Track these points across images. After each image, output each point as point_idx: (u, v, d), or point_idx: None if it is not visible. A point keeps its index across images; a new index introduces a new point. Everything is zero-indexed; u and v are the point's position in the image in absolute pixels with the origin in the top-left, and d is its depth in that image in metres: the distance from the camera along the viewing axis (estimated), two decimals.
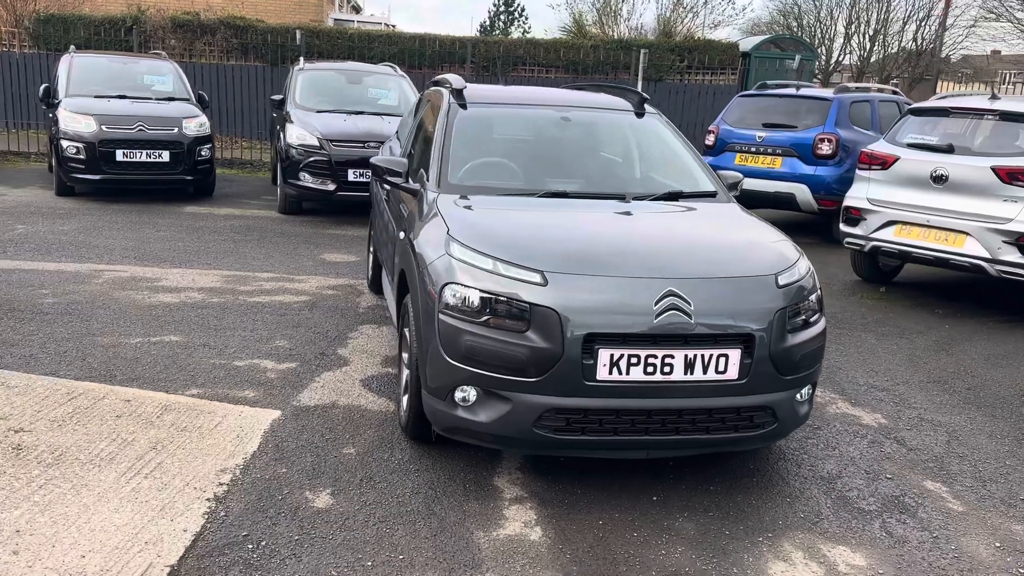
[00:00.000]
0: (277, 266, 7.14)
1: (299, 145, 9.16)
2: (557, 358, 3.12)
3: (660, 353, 3.16)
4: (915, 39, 33.48)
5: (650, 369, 3.16)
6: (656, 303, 3.17)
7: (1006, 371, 5.44)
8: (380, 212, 5.50)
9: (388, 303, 4.91)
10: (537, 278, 3.20)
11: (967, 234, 6.55)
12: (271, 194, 10.89)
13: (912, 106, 7.70)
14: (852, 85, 10.51)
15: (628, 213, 3.96)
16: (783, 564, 3.05)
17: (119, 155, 9.44)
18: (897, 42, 34.45)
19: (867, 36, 36.50)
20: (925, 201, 6.81)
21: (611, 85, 5.54)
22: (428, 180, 4.17)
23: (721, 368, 3.22)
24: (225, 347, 5.04)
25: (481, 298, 3.22)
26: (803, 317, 3.44)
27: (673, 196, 4.23)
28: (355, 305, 6.10)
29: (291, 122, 9.38)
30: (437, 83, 5.17)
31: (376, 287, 6.28)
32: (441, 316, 3.30)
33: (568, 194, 4.10)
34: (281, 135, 9.56)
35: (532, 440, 3.25)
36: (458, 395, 3.30)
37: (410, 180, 4.34)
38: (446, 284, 3.32)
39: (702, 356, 3.19)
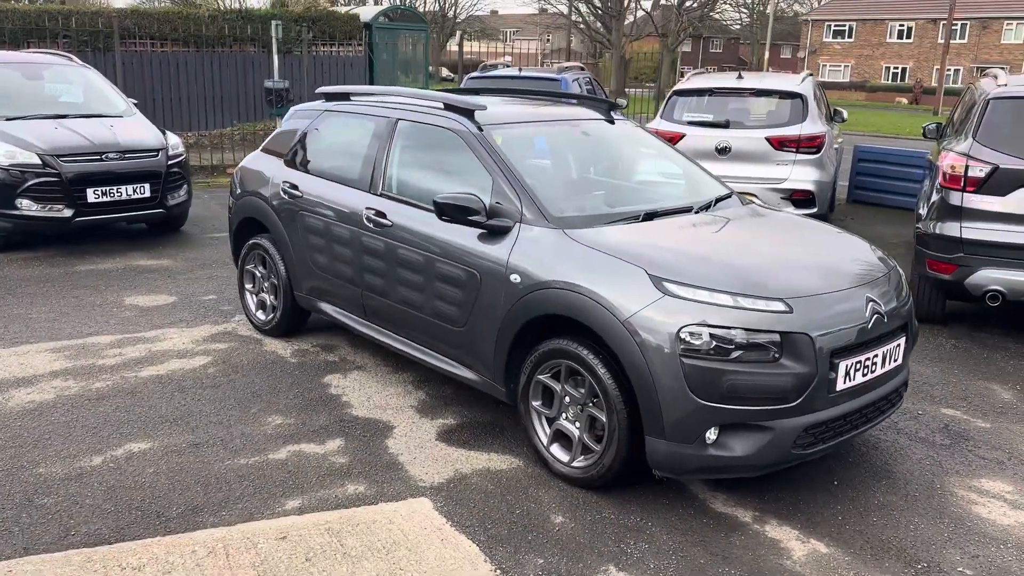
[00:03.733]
0: (93, 325, 5.75)
1: (11, 166, 7.26)
2: (812, 379, 3.31)
3: (872, 354, 3.53)
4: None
5: (866, 371, 3.52)
6: (867, 311, 3.51)
7: None
8: (330, 240, 4.83)
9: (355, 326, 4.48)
10: (781, 306, 3.33)
11: (753, 195, 7.82)
12: None
13: (676, 87, 8.78)
14: (565, 64, 11.42)
15: (727, 221, 4.17)
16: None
17: None
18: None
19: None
20: (714, 170, 7.92)
21: (575, 96, 5.51)
22: (525, 214, 3.88)
23: (896, 356, 3.71)
24: (224, 440, 4.11)
25: (730, 333, 3.25)
26: None
27: (720, 200, 4.51)
28: (277, 356, 5.28)
29: None
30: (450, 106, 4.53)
31: (285, 330, 5.50)
32: (685, 360, 3.25)
33: (658, 213, 4.15)
34: None
35: (786, 460, 3.41)
36: (709, 435, 3.30)
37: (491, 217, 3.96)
38: (684, 327, 3.26)
39: (890, 349, 3.64)
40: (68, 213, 7.45)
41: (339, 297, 4.93)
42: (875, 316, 3.54)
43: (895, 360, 3.71)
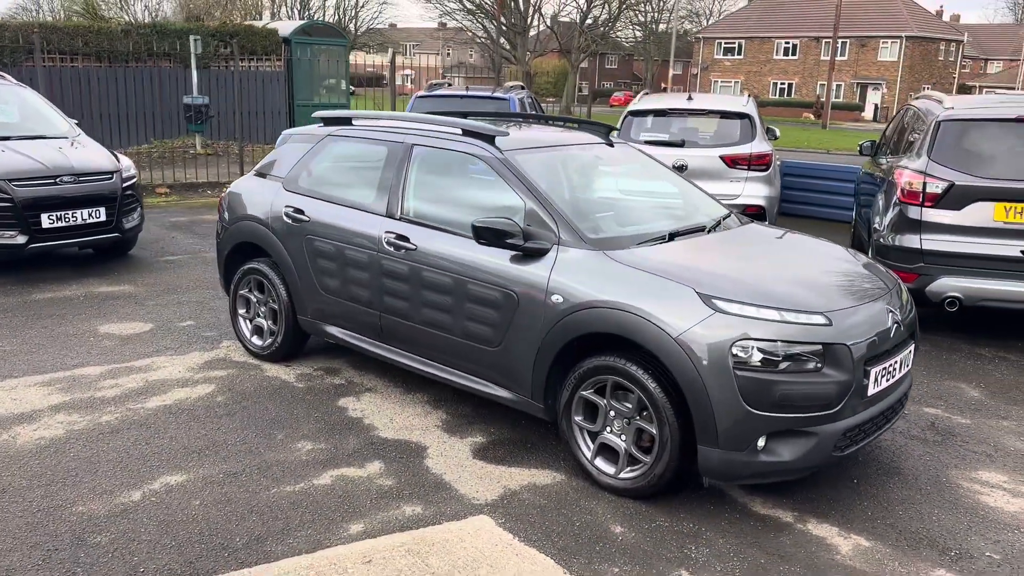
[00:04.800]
0: (76, 357, 5.57)
1: None
2: (851, 386, 3.59)
3: (893, 361, 3.85)
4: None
5: (889, 376, 3.83)
6: (888, 321, 3.83)
7: None
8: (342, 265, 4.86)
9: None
10: (822, 319, 3.59)
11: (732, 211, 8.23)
12: None
13: (629, 108, 9.09)
14: (509, 83, 11.62)
15: (743, 239, 4.44)
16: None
17: None
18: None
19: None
20: None
21: (572, 120, 5.68)
22: (562, 236, 4.04)
23: (908, 362, 4.05)
24: (261, 468, 4.09)
25: (777, 346, 3.49)
26: None
27: (724, 218, 4.78)
28: (282, 382, 5.25)
29: None
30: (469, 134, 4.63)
31: (285, 354, 5.47)
32: (737, 373, 3.47)
33: (681, 232, 4.38)
34: None
35: (826, 462, 3.68)
36: (759, 443, 3.54)
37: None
38: (736, 341, 3.48)
39: (904, 355, 3.97)
40: (22, 240, 7.15)
41: (351, 320, 4.95)
42: (895, 325, 3.86)
43: (907, 365, 4.04)
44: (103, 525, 3.56)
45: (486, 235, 4.06)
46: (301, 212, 5.11)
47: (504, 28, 43.46)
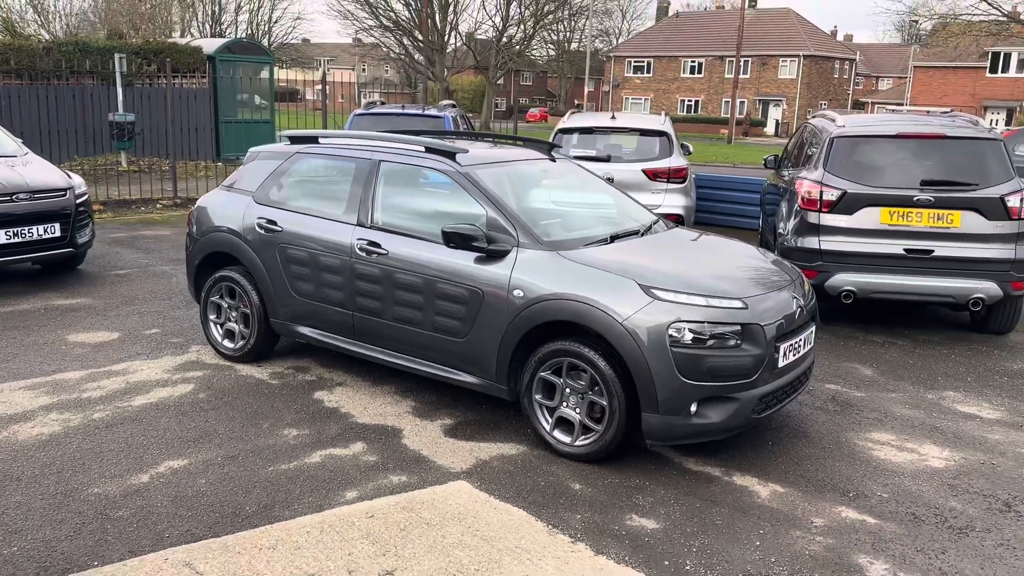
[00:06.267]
0: (52, 364, 5.89)
1: None
2: (764, 359, 4.32)
3: (798, 339, 4.60)
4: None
5: (795, 352, 4.58)
6: (793, 305, 4.59)
7: None
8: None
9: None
10: (740, 304, 4.32)
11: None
12: None
13: (559, 126, 9.80)
14: (443, 102, 12.21)
15: (671, 241, 5.16)
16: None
17: None
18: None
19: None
20: None
21: (518, 138, 6.31)
22: (520, 240, 4.66)
23: (810, 341, 4.82)
24: (254, 451, 4.55)
25: (704, 327, 4.20)
26: None
27: (654, 224, 5.50)
28: (256, 380, 5.70)
29: None
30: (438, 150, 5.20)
31: (256, 355, 5.93)
32: (674, 349, 4.16)
33: (619, 235, 5.06)
34: None
35: (747, 424, 4.40)
36: (692, 408, 4.23)
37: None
38: (672, 323, 4.17)
39: (807, 335, 4.74)
40: None
41: (323, 320, 5.45)
42: (799, 309, 4.62)
43: (810, 343, 4.81)
44: (121, 503, 3.98)
45: (455, 239, 4.66)
46: (274, 223, 5.59)
47: (422, 45, 44.05)
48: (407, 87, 62.58)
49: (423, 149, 5.23)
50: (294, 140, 5.89)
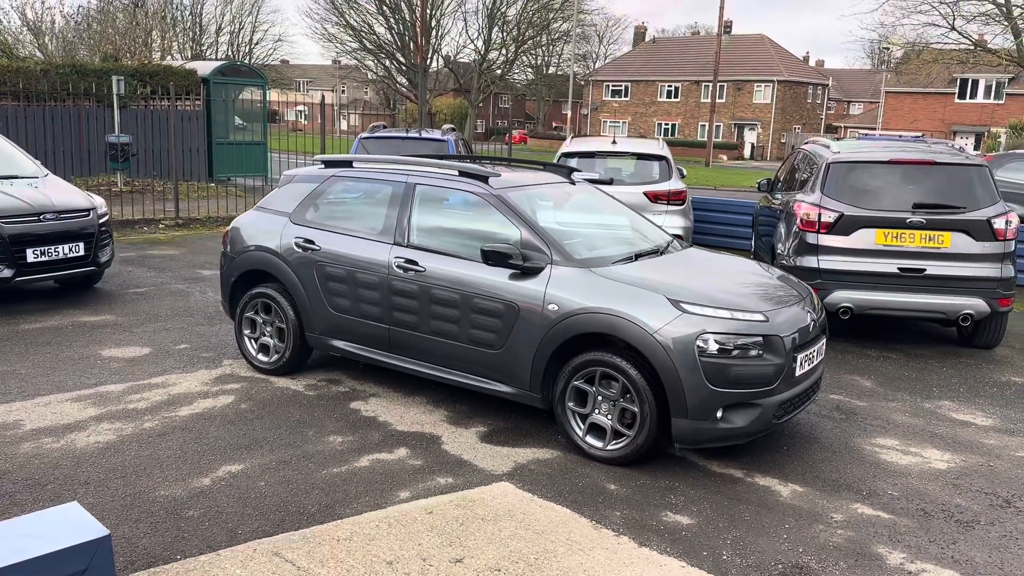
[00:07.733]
0: (92, 377, 6.12)
1: None
2: (783, 368, 4.68)
3: (812, 350, 4.97)
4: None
5: (809, 362, 4.95)
6: (808, 319, 4.96)
7: None
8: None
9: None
10: (761, 317, 4.68)
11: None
12: None
13: (562, 150, 10.19)
14: (446, 126, 12.57)
15: (690, 259, 5.52)
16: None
17: None
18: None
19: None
20: None
21: (539, 162, 6.67)
22: (554, 257, 5.00)
23: (821, 352, 5.19)
24: (305, 457, 4.83)
25: (729, 338, 4.55)
26: None
27: (670, 243, 5.86)
28: (293, 391, 5.97)
29: None
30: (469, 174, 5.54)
31: (290, 368, 6.20)
32: (702, 359, 4.51)
33: (642, 254, 5.42)
34: None
35: (767, 428, 4.75)
36: (718, 414, 4.58)
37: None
38: (699, 335, 4.53)
39: (819, 347, 5.12)
40: (8, 273, 7.58)
41: (359, 334, 5.74)
42: (812, 322, 5.00)
43: (821, 354, 5.18)
44: (189, 503, 4.24)
45: (493, 257, 4.99)
46: (311, 242, 5.89)
47: (404, 68, 44.54)
48: (387, 108, 63.09)
49: (456, 173, 5.57)
50: (328, 164, 6.21)
